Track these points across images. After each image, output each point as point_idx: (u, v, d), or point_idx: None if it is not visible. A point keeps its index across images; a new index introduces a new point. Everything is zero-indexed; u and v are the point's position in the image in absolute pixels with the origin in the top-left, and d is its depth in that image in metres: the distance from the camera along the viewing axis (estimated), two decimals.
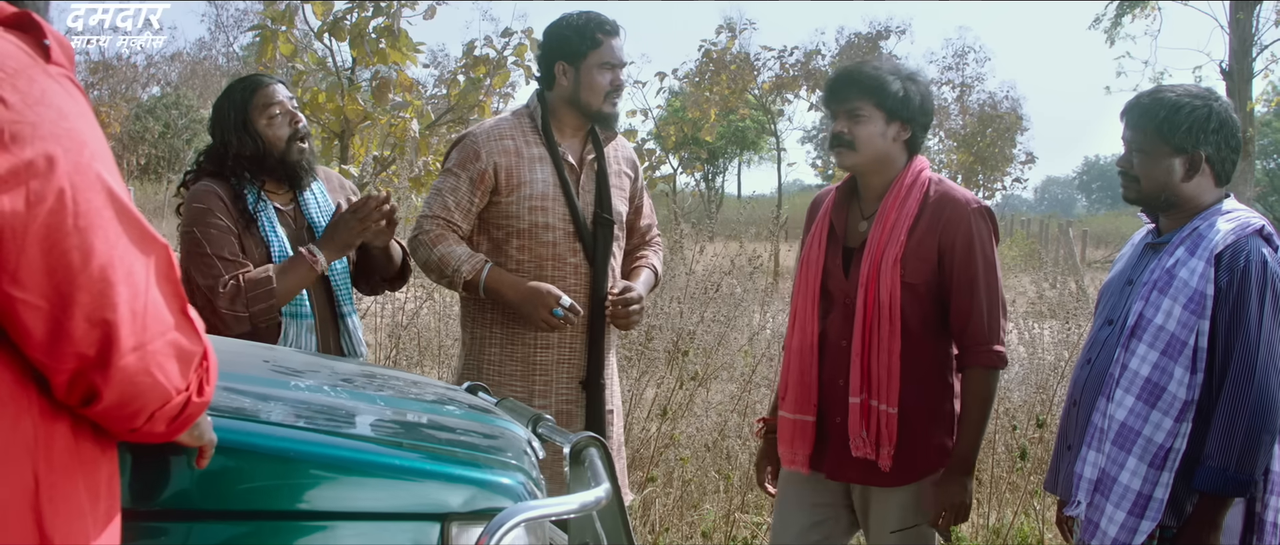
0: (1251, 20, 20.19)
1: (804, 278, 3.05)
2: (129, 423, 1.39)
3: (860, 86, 2.92)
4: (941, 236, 2.90)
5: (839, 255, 3.01)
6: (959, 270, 2.90)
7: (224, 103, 3.28)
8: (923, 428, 2.94)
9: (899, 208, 2.91)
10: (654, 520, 4.78)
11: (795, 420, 3.03)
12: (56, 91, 1.32)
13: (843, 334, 2.96)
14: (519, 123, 3.40)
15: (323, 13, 6.56)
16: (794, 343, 3.04)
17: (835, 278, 2.99)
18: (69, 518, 1.34)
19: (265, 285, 3.07)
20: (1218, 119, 2.61)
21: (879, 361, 2.88)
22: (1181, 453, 2.54)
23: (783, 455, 3.09)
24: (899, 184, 2.94)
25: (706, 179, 38.60)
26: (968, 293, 2.90)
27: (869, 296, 2.88)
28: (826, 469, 3.02)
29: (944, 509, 2.89)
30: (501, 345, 3.37)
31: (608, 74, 3.35)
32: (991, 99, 30.91)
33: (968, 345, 2.93)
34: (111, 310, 1.30)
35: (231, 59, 33.35)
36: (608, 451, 2.22)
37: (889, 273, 2.87)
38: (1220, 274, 2.54)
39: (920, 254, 2.89)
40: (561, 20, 3.40)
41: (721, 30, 22.56)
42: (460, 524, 1.75)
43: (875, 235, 2.92)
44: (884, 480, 2.94)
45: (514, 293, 3.26)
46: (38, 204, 1.25)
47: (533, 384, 3.36)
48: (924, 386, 2.93)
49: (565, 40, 3.36)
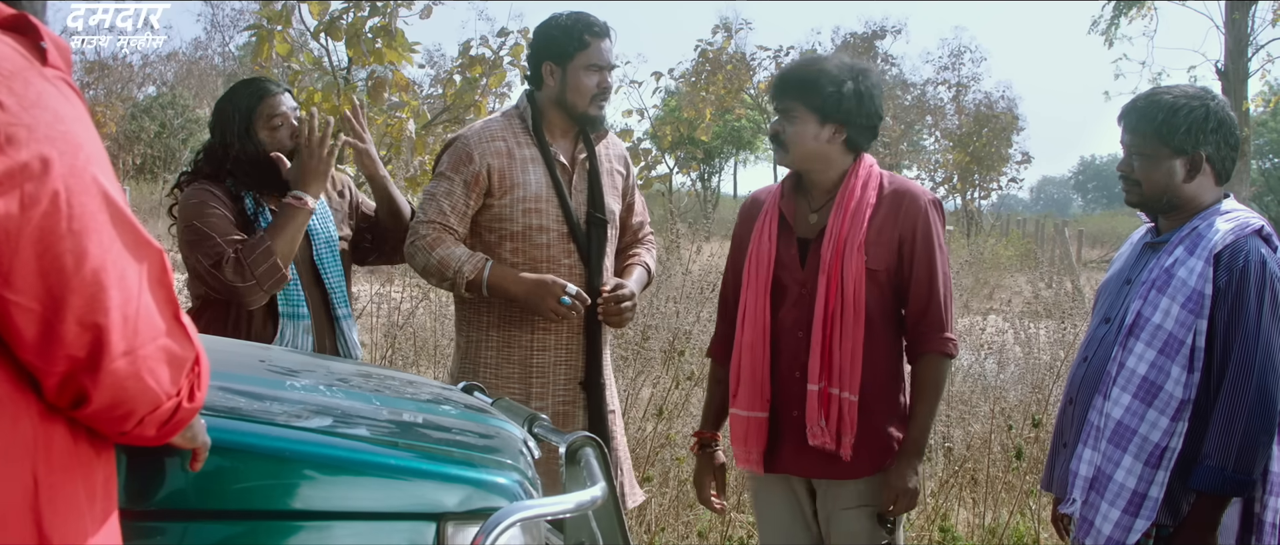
0: (1247, 20, 20.25)
1: (754, 271, 3.00)
2: (119, 426, 1.39)
3: (793, 87, 2.93)
4: (902, 226, 2.91)
5: (793, 246, 2.98)
6: (919, 259, 2.91)
7: (227, 105, 3.28)
8: (879, 417, 2.93)
9: (858, 197, 2.91)
10: (650, 520, 4.79)
11: (748, 417, 2.98)
12: (52, 94, 1.32)
13: (799, 324, 2.93)
14: (510, 124, 3.37)
15: (319, 12, 6.55)
16: (745, 338, 2.99)
17: (789, 269, 2.97)
18: (67, 518, 1.35)
19: (261, 245, 3.05)
20: (1216, 118, 2.61)
21: (842, 348, 2.86)
22: (1177, 452, 2.54)
23: (737, 455, 3.05)
24: (852, 178, 2.94)
25: (702, 179, 38.62)
26: (926, 282, 2.91)
27: (832, 282, 2.87)
28: (782, 465, 2.99)
29: (900, 494, 2.88)
30: (498, 348, 3.35)
31: (595, 76, 3.32)
32: (987, 99, 31.00)
33: (924, 333, 2.94)
34: (103, 314, 1.30)
35: (227, 59, 33.34)
36: (603, 451, 2.22)
37: (854, 257, 2.86)
38: (1219, 274, 2.54)
39: (881, 241, 2.90)
40: (551, 20, 3.37)
41: (717, 30, 22.56)
42: (456, 524, 1.75)
43: (836, 222, 2.90)
44: (842, 471, 2.91)
45: (519, 287, 3.24)
46: (32, 207, 1.25)
47: (530, 386, 3.34)
48: (879, 375, 2.92)
49: (553, 40, 3.33)
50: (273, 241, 3.06)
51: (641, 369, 5.55)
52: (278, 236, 3.07)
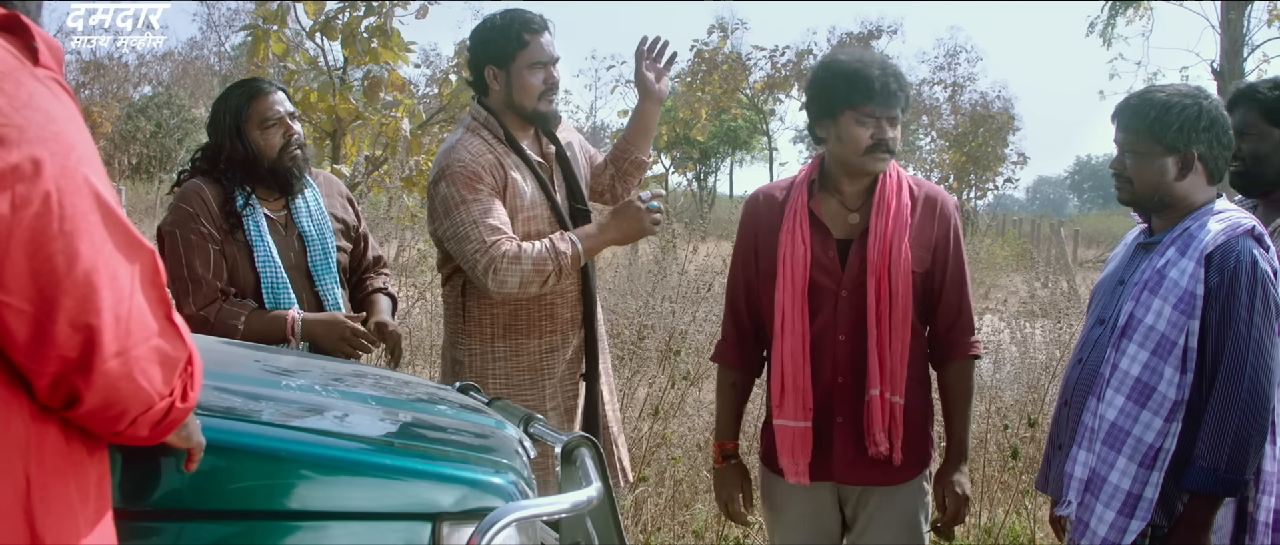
0: (1242, 20, 20.27)
1: (788, 275, 2.88)
2: (111, 426, 1.39)
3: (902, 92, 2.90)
4: (937, 229, 2.90)
5: (831, 247, 2.89)
6: (952, 263, 2.90)
7: (221, 105, 3.30)
8: (917, 418, 2.91)
9: (897, 197, 2.87)
10: (646, 520, 4.78)
11: (795, 428, 2.87)
12: (44, 94, 1.32)
13: (839, 328, 2.85)
14: (483, 138, 3.25)
15: (314, 12, 6.55)
16: (785, 346, 2.87)
17: (829, 271, 2.87)
18: (60, 518, 1.34)
19: (238, 318, 3.14)
20: (1208, 117, 2.61)
21: (893, 351, 2.82)
22: (1171, 453, 2.54)
23: (785, 467, 2.91)
24: (887, 178, 2.89)
25: (698, 178, 38.62)
26: (958, 286, 2.91)
27: (882, 283, 2.81)
28: (836, 475, 2.90)
29: (954, 503, 2.89)
30: (506, 357, 3.29)
31: (539, 73, 3.24)
32: (983, 99, 30.99)
33: (957, 338, 2.93)
34: (95, 315, 1.30)
35: (223, 58, 33.30)
36: (599, 451, 2.22)
37: (902, 258, 2.82)
38: (1210, 274, 2.53)
39: (922, 242, 2.88)
40: (485, 23, 3.29)
41: (713, 30, 22.59)
42: (451, 524, 1.75)
43: (880, 222, 2.84)
44: (892, 477, 2.87)
45: (607, 230, 3.22)
46: (23, 208, 1.25)
47: (544, 389, 3.30)
48: (915, 377, 2.90)
49: (490, 43, 3.25)
50: (247, 326, 3.13)
51: (638, 369, 5.55)
52: (254, 326, 3.14)
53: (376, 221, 8.03)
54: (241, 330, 3.10)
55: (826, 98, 2.86)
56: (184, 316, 2.95)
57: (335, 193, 3.54)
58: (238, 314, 3.13)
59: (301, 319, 3.18)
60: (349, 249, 3.50)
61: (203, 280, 3.12)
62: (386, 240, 8.11)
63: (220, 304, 3.13)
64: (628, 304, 7.26)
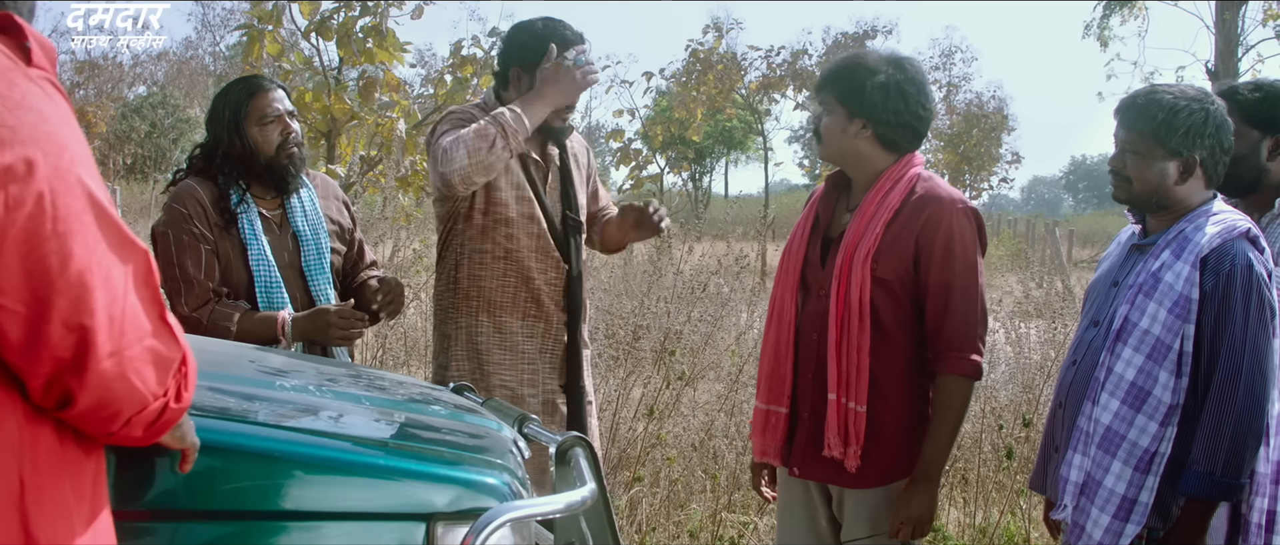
0: (1237, 20, 20.30)
1: (785, 266, 2.99)
2: (105, 427, 1.39)
3: (829, 78, 2.90)
4: (919, 234, 2.79)
5: (819, 245, 2.94)
6: (935, 271, 2.79)
7: (221, 100, 3.31)
8: (892, 430, 2.83)
9: (879, 202, 2.83)
10: (640, 520, 4.78)
11: (768, 411, 2.98)
12: (37, 95, 1.31)
13: (815, 327, 2.88)
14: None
15: (310, 12, 6.55)
16: (770, 333, 2.99)
17: (813, 268, 2.93)
18: (55, 518, 1.34)
19: (230, 319, 3.13)
20: (1214, 122, 2.57)
21: (848, 358, 2.79)
22: (1166, 456, 2.53)
23: (754, 446, 3.04)
24: (884, 179, 2.85)
25: (693, 179, 38.63)
26: (943, 295, 2.79)
27: (841, 289, 2.81)
28: (793, 465, 2.96)
29: (904, 521, 2.80)
30: (490, 334, 3.35)
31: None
32: (978, 99, 30.99)
33: (940, 350, 2.82)
34: (88, 315, 1.30)
35: (218, 59, 33.26)
36: (594, 452, 2.22)
37: (860, 266, 2.78)
38: (1205, 277, 2.52)
39: (895, 250, 2.79)
40: (524, 25, 3.33)
41: (708, 30, 22.54)
42: (446, 524, 1.75)
43: (853, 227, 2.84)
44: (850, 481, 2.86)
45: (544, 94, 3.19)
46: (16, 208, 1.25)
47: (521, 372, 3.36)
48: (895, 388, 2.83)
49: (523, 46, 3.29)
50: (239, 327, 3.12)
51: (632, 369, 5.55)
52: (245, 327, 3.14)
53: (371, 222, 8.03)
54: (234, 331, 3.10)
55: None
56: (177, 317, 2.97)
57: (331, 195, 3.54)
58: (230, 315, 3.13)
59: (291, 319, 3.18)
60: (343, 252, 3.50)
61: (195, 281, 3.12)
62: (381, 240, 8.11)
63: (213, 305, 3.13)
64: (623, 304, 7.26)
